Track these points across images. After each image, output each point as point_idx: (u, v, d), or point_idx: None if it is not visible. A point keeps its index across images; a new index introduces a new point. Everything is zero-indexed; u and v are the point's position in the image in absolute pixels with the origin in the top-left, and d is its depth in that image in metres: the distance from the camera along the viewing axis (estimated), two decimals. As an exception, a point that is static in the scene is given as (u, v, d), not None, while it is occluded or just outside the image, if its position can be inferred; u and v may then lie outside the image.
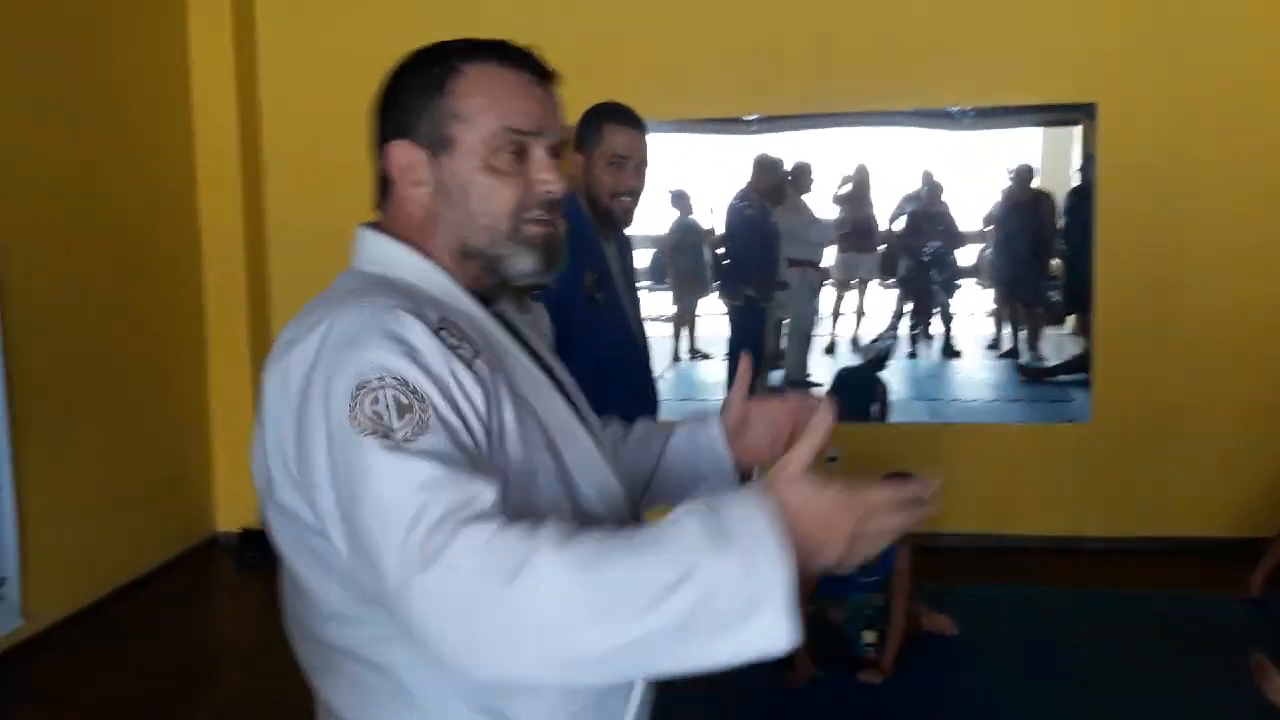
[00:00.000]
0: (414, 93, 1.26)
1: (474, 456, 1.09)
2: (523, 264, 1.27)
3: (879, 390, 5.50)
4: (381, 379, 1.09)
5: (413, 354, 1.11)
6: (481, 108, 1.23)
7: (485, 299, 1.30)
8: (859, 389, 5.55)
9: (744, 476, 1.48)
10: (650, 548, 0.99)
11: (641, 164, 2.77)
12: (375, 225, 1.31)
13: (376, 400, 1.08)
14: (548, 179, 1.26)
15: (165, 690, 3.90)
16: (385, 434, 1.06)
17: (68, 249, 4.44)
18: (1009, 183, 5.56)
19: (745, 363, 1.48)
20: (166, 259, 5.13)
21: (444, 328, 1.16)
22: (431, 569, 0.99)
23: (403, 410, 1.08)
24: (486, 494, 1.04)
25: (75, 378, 4.46)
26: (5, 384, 4.01)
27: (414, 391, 1.09)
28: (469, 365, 1.14)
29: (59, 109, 4.40)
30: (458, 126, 1.24)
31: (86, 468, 4.52)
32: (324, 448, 1.10)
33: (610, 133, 2.74)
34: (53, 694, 3.86)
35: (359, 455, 1.06)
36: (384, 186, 1.30)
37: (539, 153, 1.26)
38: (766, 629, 0.98)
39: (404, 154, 1.26)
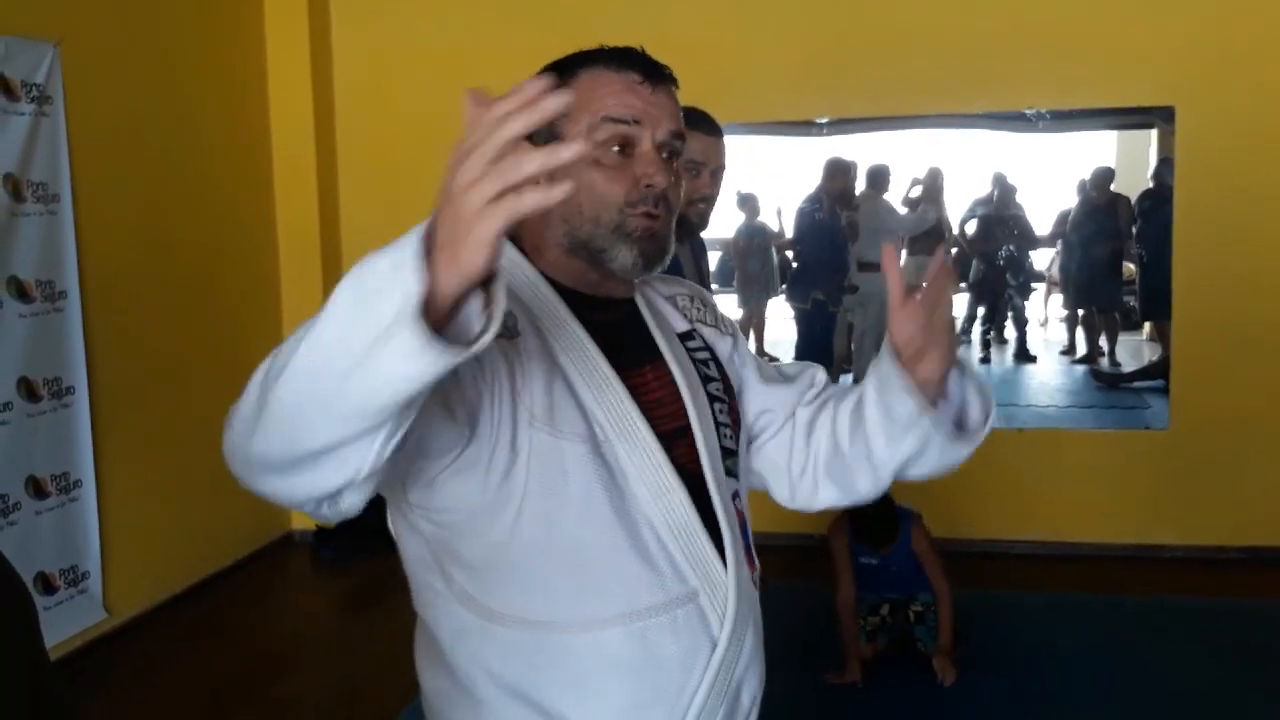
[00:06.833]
0: None
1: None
2: (623, 258, 1.29)
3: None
4: None
5: None
6: (583, 103, 1.27)
7: (590, 298, 1.32)
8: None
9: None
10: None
11: (718, 171, 2.74)
12: None
13: None
14: (649, 171, 1.28)
15: (242, 683, 3.97)
16: None
17: (147, 252, 4.54)
18: (1085, 185, 5.47)
19: (890, 255, 1.32)
20: (243, 260, 5.22)
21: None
22: None
23: None
24: None
25: (154, 377, 4.57)
26: (87, 383, 4.11)
27: None
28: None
29: (138, 115, 4.50)
30: (564, 123, 1.28)
31: (164, 465, 4.62)
32: None
33: (687, 138, 2.72)
34: (133, 685, 3.94)
35: None
36: None
37: (645, 146, 1.29)
38: (403, 331, 0.86)
39: None
